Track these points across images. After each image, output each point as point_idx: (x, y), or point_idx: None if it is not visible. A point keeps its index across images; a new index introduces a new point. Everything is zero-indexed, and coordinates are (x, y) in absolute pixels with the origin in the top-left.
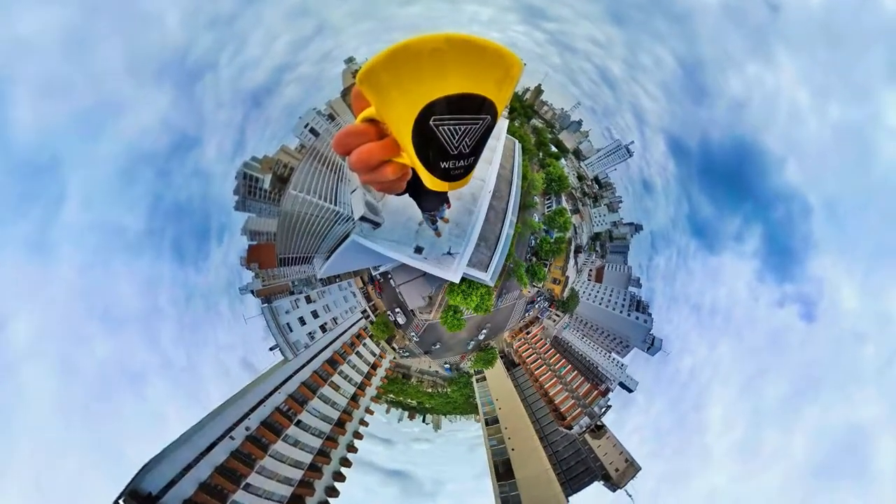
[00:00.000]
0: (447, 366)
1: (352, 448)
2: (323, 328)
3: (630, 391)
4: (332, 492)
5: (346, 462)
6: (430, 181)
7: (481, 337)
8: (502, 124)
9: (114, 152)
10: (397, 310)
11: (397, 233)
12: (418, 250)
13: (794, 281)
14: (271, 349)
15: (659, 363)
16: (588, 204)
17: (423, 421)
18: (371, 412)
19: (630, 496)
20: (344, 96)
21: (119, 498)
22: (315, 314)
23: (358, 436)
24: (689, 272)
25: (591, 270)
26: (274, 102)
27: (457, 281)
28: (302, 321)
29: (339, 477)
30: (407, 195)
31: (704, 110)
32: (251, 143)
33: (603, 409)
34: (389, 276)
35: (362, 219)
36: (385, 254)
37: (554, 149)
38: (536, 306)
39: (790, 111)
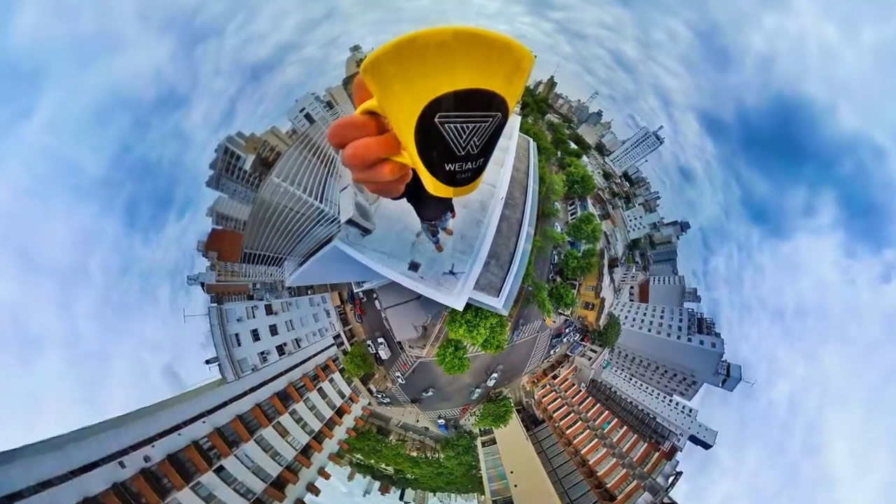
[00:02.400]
0: (441, 421)
1: None
2: (280, 349)
3: (707, 447)
4: None
5: None
6: (432, 185)
7: (490, 383)
8: (514, 122)
9: (98, 86)
10: (380, 340)
11: (390, 243)
12: (414, 267)
13: (893, 244)
14: (208, 362)
15: (742, 399)
16: (620, 206)
17: (401, 498)
18: (326, 475)
19: None
20: (346, 85)
21: None
22: (274, 330)
23: None
24: (759, 269)
25: (632, 288)
26: (272, 80)
27: (460, 308)
28: (255, 335)
29: None
30: (405, 200)
31: (732, 76)
32: (240, 117)
33: (670, 479)
34: (375, 295)
35: (350, 222)
36: (372, 267)
37: (573, 145)
38: (565, 340)
39: (822, 51)
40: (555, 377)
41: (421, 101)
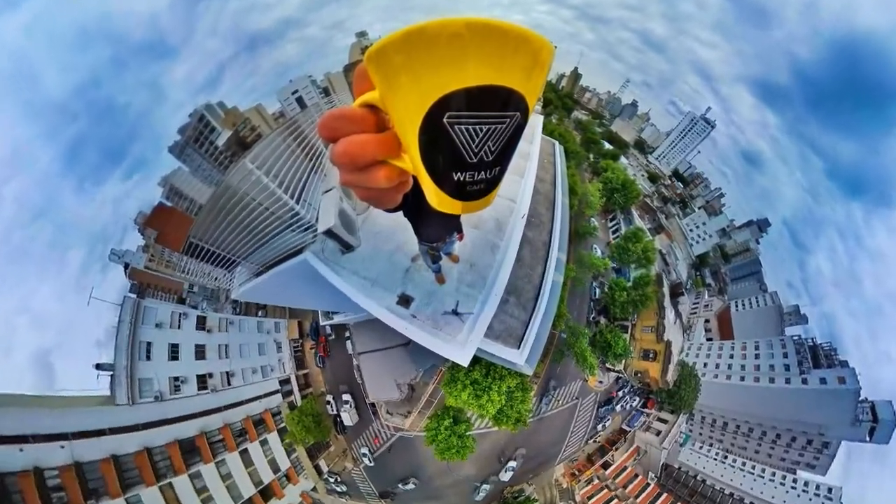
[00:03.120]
0: None
1: None
2: (203, 381)
3: None
4: None
5: None
6: (436, 198)
7: (506, 476)
8: (536, 122)
9: (89, 7)
10: (346, 398)
11: (376, 267)
12: (404, 301)
13: None
14: (99, 368)
15: None
16: (675, 213)
17: None
18: None
19: None
20: (347, 72)
21: None
22: (201, 352)
23: None
24: (875, 254)
25: (707, 321)
26: (269, 54)
27: (465, 363)
28: (174, 352)
29: None
30: (401, 214)
31: (775, 31)
32: (226, 85)
33: None
34: (347, 333)
35: (329, 233)
36: (348, 295)
37: (608, 145)
38: (618, 408)
39: None
40: (606, 466)
41: (428, 98)
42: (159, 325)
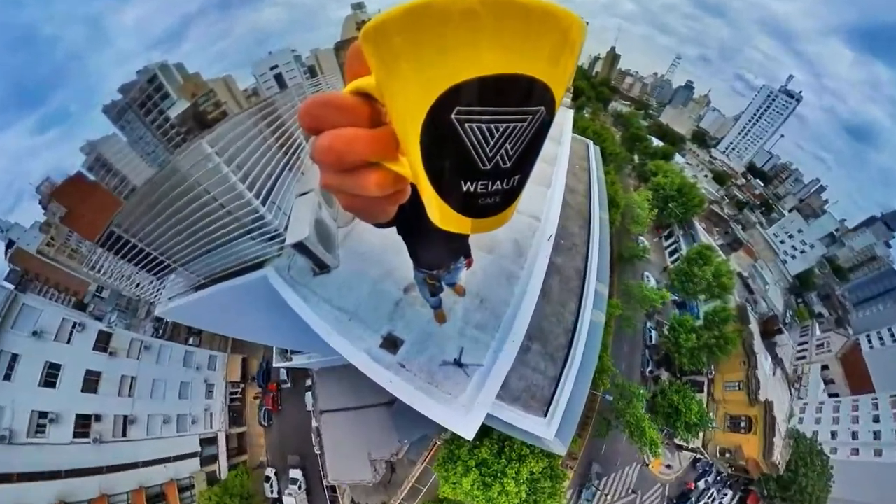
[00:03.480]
0: None
1: None
2: (85, 425)
3: None
4: None
5: None
6: (439, 213)
7: None
8: (564, 118)
9: None
10: (295, 473)
11: (357, 297)
12: (390, 344)
13: None
14: None
15: None
16: (756, 222)
17: None
18: None
19: None
20: (338, 50)
21: None
22: (93, 382)
23: None
24: None
25: (826, 368)
26: (245, 16)
27: (469, 435)
28: (51, 375)
29: None
30: (394, 230)
31: None
32: (188, 45)
33: None
34: (309, 382)
35: (300, 247)
36: (317, 330)
37: (657, 142)
38: None
39: None
40: None
41: (434, 89)
42: (38, 334)
